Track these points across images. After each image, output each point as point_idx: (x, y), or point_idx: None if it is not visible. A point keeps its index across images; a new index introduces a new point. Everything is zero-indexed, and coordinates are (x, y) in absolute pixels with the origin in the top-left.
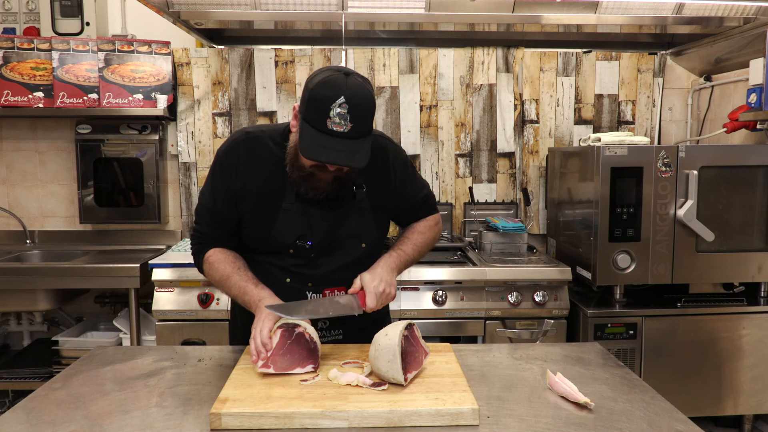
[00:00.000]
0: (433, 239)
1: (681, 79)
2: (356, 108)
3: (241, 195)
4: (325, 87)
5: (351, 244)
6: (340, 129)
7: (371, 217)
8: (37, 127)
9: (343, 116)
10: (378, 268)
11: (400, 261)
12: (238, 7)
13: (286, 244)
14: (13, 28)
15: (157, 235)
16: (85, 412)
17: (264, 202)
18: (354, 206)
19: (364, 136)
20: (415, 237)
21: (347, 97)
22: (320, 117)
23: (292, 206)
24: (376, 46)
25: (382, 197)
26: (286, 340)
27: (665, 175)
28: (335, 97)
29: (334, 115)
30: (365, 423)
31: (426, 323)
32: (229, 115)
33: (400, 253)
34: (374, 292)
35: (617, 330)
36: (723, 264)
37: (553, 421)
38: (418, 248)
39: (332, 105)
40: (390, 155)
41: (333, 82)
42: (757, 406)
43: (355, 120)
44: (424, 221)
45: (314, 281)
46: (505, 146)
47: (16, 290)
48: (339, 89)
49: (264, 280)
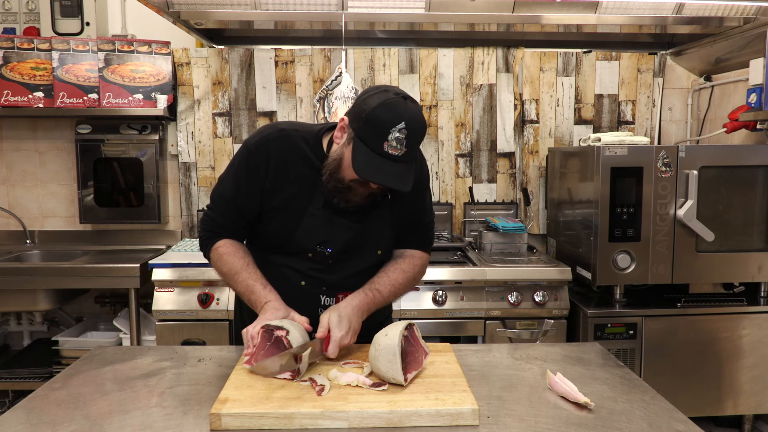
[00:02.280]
0: (414, 281)
1: (681, 79)
2: (413, 134)
3: (270, 193)
4: (386, 110)
5: (368, 252)
6: (395, 153)
7: (389, 227)
8: (37, 127)
9: (400, 141)
10: (349, 309)
11: (373, 304)
12: (238, 7)
13: (306, 248)
14: (13, 28)
15: (157, 235)
16: (85, 412)
17: (291, 204)
18: (377, 215)
19: (414, 160)
20: (396, 276)
21: (407, 122)
22: (378, 139)
23: (318, 212)
24: (376, 46)
25: (401, 207)
26: (265, 341)
27: (665, 175)
28: (396, 121)
29: (392, 139)
30: (365, 423)
31: (426, 323)
32: (229, 115)
33: (376, 294)
34: (338, 343)
35: (617, 330)
36: (723, 264)
37: (553, 421)
38: (395, 291)
39: (392, 129)
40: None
41: (395, 106)
42: (757, 406)
43: (410, 145)
44: (411, 260)
45: (329, 285)
46: (505, 146)
47: (16, 290)
48: (400, 114)
49: (278, 281)
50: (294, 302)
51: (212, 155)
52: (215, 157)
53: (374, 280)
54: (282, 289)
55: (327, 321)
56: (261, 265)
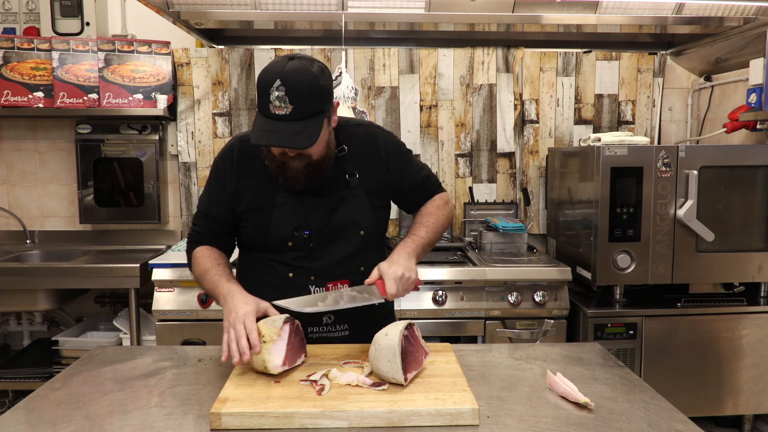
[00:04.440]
0: (445, 218)
1: (681, 79)
2: (294, 90)
3: (236, 197)
4: (264, 72)
5: (349, 233)
6: (282, 112)
7: (367, 204)
8: (37, 127)
9: (282, 99)
10: (394, 255)
11: (416, 245)
12: (238, 7)
13: (284, 237)
14: (13, 28)
15: (157, 235)
16: (85, 412)
17: (259, 201)
18: (348, 194)
19: (310, 117)
20: (426, 219)
21: (283, 79)
22: (263, 102)
23: (285, 199)
24: (376, 46)
25: (377, 183)
26: (293, 335)
27: (665, 175)
28: (272, 80)
29: (273, 99)
30: (365, 423)
31: (426, 323)
32: (229, 115)
33: (415, 238)
34: (392, 277)
35: (617, 330)
36: (723, 264)
37: (553, 421)
38: (431, 230)
39: (270, 89)
40: (380, 141)
41: (272, 66)
42: (757, 406)
43: (294, 101)
44: (431, 202)
45: (316, 274)
46: (505, 146)
47: (16, 290)
48: (275, 73)
49: (267, 277)
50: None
51: (212, 155)
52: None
53: (410, 230)
54: (271, 284)
55: (377, 271)
56: (250, 264)
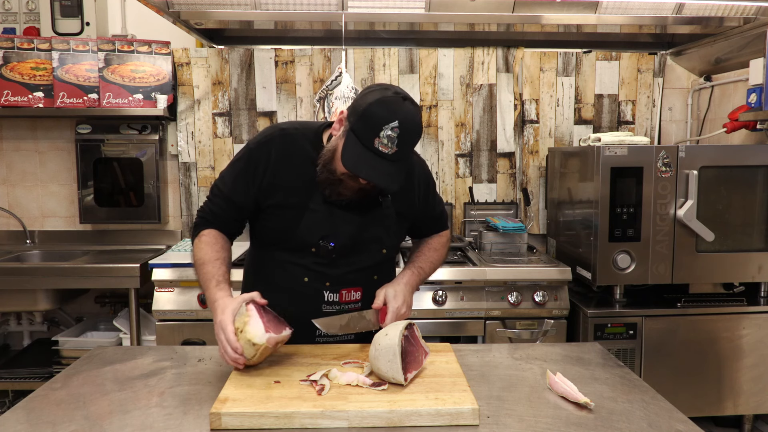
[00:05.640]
0: (444, 256)
1: (681, 79)
2: (406, 134)
3: (268, 190)
4: (382, 107)
5: (373, 249)
6: (386, 150)
7: (394, 225)
8: (37, 127)
9: (392, 139)
10: (401, 285)
11: (419, 279)
12: (238, 7)
13: (309, 243)
14: (13, 28)
15: (157, 235)
16: (85, 412)
17: (292, 199)
18: (380, 213)
19: (404, 161)
20: (431, 255)
21: (401, 122)
22: (370, 134)
23: (319, 207)
24: (376, 46)
25: (405, 207)
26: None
27: (665, 175)
28: (390, 119)
29: (383, 136)
30: (365, 423)
31: (426, 323)
32: (229, 115)
33: (420, 271)
34: (393, 311)
35: (617, 330)
36: (723, 264)
37: (553, 421)
38: (433, 266)
39: (385, 126)
40: (416, 169)
41: (391, 104)
42: (757, 406)
43: (401, 145)
44: (438, 237)
45: (332, 281)
46: (505, 146)
47: (16, 290)
48: (395, 113)
49: (282, 278)
50: (297, 299)
51: (212, 155)
52: (215, 157)
53: (414, 260)
54: (285, 285)
55: (383, 295)
56: (264, 264)
